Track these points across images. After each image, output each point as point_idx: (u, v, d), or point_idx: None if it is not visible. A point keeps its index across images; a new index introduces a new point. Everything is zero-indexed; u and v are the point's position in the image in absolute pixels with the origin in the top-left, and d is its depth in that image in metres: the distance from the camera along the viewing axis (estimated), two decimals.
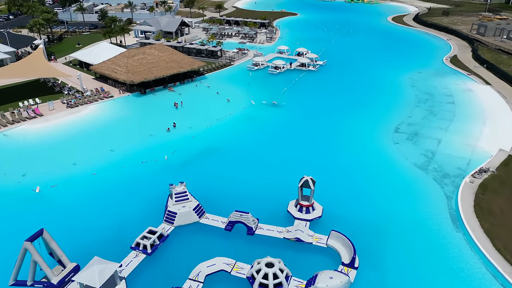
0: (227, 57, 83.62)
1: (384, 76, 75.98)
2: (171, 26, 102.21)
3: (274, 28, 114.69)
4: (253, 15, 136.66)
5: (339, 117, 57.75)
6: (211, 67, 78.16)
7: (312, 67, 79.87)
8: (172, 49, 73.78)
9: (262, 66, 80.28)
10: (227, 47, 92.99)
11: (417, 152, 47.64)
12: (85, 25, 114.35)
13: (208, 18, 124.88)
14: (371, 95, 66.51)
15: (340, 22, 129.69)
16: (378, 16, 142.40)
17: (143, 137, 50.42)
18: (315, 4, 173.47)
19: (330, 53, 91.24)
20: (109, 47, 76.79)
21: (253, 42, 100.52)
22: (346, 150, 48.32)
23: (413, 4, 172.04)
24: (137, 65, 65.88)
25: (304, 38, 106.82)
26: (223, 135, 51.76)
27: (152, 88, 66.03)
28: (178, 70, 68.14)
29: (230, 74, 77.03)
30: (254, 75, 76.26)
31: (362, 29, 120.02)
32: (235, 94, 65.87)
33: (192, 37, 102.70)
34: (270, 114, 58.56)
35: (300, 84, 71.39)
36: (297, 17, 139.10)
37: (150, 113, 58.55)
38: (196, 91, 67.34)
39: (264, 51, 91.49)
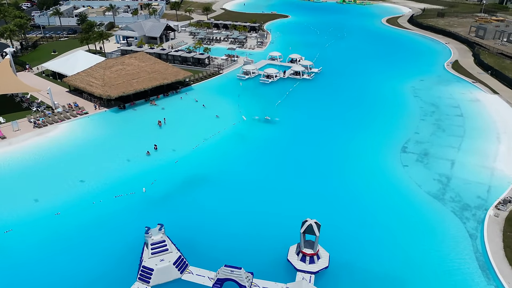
0: (215, 65, 77.63)
1: (384, 85, 70.77)
2: (155, 31, 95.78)
3: (265, 32, 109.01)
4: (243, 18, 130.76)
5: (340, 134, 52.25)
6: (198, 77, 72.08)
7: (306, 76, 74.31)
8: (155, 58, 67.45)
9: (253, 74, 74.51)
10: (216, 53, 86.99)
11: (429, 177, 42.33)
12: (64, 30, 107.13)
13: (195, 21, 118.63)
14: (372, 107, 61.18)
15: (333, 25, 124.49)
16: (372, 18, 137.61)
17: (119, 163, 44.18)
18: (306, 5, 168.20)
19: (325, 59, 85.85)
20: (85, 56, 70.14)
21: (243, 47, 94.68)
22: (350, 177, 42.74)
23: (406, 5, 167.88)
24: (115, 77, 59.50)
25: (296, 42, 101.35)
26: (211, 159, 45.82)
27: (132, 102, 59.74)
28: (161, 81, 61.93)
29: (218, 84, 71.05)
30: (245, 85, 70.40)
31: (356, 32, 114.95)
32: (224, 108, 59.96)
33: (178, 43, 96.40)
34: (263, 131, 52.78)
35: (294, 95, 65.73)
36: (288, 20, 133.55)
37: (129, 132, 52.24)
38: (181, 105, 61.18)
39: (255, 58, 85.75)
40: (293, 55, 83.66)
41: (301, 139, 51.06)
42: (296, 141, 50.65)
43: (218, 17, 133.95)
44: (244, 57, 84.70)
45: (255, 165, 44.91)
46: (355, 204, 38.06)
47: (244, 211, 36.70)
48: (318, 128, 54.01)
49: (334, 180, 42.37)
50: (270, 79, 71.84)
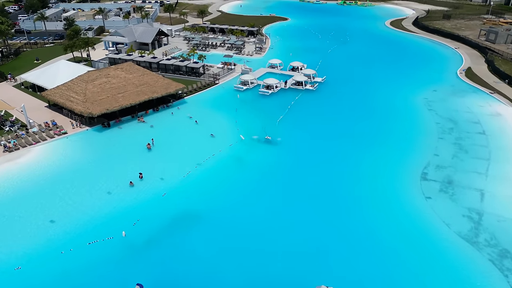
0: (211, 74, 71.72)
1: (394, 96, 65.02)
2: (147, 37, 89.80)
3: (264, 37, 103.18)
4: (240, 21, 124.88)
5: (349, 156, 46.45)
6: (192, 88, 66.12)
7: (309, 86, 68.48)
8: (143, 69, 61.39)
9: (252, 85, 68.64)
10: (211, 60, 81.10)
11: (457, 212, 36.57)
12: (50, 35, 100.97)
13: (190, 25, 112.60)
14: (383, 123, 55.43)
15: (335, 28, 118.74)
16: (375, 21, 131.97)
17: (98, 196, 38.23)
18: (305, 7, 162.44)
19: (328, 67, 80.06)
20: (67, 65, 64.08)
21: (241, 53, 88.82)
22: (364, 209, 36.98)
23: (409, 6, 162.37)
24: (98, 91, 53.53)
25: (297, 47, 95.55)
26: (204, 190, 39.89)
27: (118, 119, 53.78)
28: (150, 95, 55.97)
29: (214, 96, 65.13)
30: (243, 97, 64.49)
31: (359, 36, 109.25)
32: (220, 125, 54.09)
33: (171, 49, 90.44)
34: (263, 154, 46.88)
35: (297, 109, 59.84)
36: (288, 23, 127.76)
37: (112, 156, 46.15)
38: (173, 122, 55.21)
39: (254, 65, 79.89)
40: (294, 62, 77.81)
41: (306, 162, 45.21)
42: (300, 165, 44.81)
43: (214, 20, 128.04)
44: (242, 65, 78.83)
45: (255, 197, 39.08)
46: (371, 243, 32.37)
47: (244, 256, 30.91)
48: (324, 148, 48.22)
49: (345, 211, 36.66)
50: (270, 90, 66.01)
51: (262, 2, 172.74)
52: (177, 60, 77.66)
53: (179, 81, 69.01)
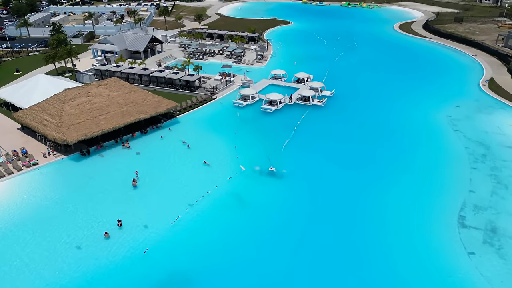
0: (208, 88, 64.65)
1: (412, 113, 57.89)
2: (139, 44, 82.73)
3: (265, 43, 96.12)
4: (240, 25, 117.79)
5: (369, 192, 39.37)
6: (186, 105, 59.00)
7: (317, 101, 61.37)
8: (130, 85, 54.24)
9: (253, 100, 61.59)
10: (209, 70, 74.04)
11: (508, 273, 29.53)
12: (36, 42, 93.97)
13: (187, 30, 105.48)
14: (403, 148, 48.35)
15: (341, 32, 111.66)
16: (382, 24, 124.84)
17: (65, 255, 30.96)
18: (308, 9, 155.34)
19: (336, 77, 73.01)
20: (46, 80, 56.82)
21: (240, 62, 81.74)
22: (393, 268, 29.94)
23: (416, 8, 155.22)
24: (76, 113, 46.50)
25: (301, 55, 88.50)
26: (196, 241, 32.80)
27: (99, 144, 46.74)
28: (137, 117, 48.89)
29: (211, 114, 58.03)
30: (243, 115, 57.42)
31: (367, 41, 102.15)
32: (217, 150, 47.04)
33: (165, 58, 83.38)
34: (267, 191, 39.72)
35: (304, 130, 52.72)
36: (290, 27, 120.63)
37: (87, 195, 38.66)
38: (162, 147, 48.08)
39: (255, 75, 72.86)
40: (300, 73, 70.67)
41: (317, 201, 38.08)
42: (310, 205, 37.65)
43: (213, 24, 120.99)
44: (242, 76, 71.79)
45: (259, 249, 32.02)
46: None
47: None
48: (338, 181, 41.16)
49: (367, 265, 29.64)
50: (273, 107, 58.93)
51: (263, 4, 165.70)
52: (171, 71, 70.67)
53: (173, 96, 62.18)
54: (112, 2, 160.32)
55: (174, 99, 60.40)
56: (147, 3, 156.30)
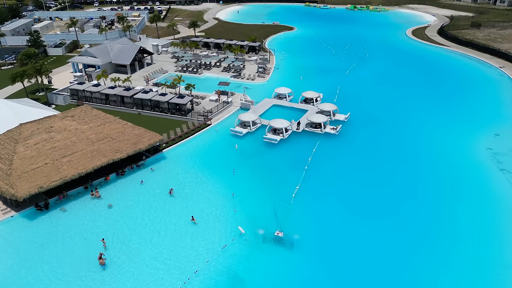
0: (201, 112, 55.27)
1: (444, 145, 48.45)
2: (125, 57, 73.28)
3: (267, 52, 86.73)
4: (240, 31, 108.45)
5: (404, 260, 30.05)
6: (175, 136, 49.46)
7: (330, 129, 51.95)
8: (104, 116, 44.68)
9: (254, 127, 52.25)
10: (203, 87, 64.66)
11: None
12: (12, 53, 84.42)
13: (181, 38, 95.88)
14: (439, 192, 38.93)
15: (349, 39, 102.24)
16: (393, 29, 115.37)
17: None
18: (312, 12, 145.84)
19: (349, 96, 63.66)
20: (6, 107, 47.32)
21: (240, 77, 72.32)
22: None
23: (427, 11, 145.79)
24: (33, 156, 37.08)
25: (307, 67, 79.16)
26: None
27: (62, 194, 37.36)
28: (110, 157, 39.44)
29: (204, 147, 48.58)
30: (243, 147, 48.03)
31: (380, 50, 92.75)
32: (209, 201, 37.65)
33: (154, 73, 73.90)
34: (274, 263, 30.36)
35: (318, 169, 43.15)
36: (294, 33, 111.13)
37: (33, 278, 29.45)
38: (140, 197, 38.42)
39: (256, 94, 63.51)
40: (308, 93, 61.14)
41: (340, 277, 28.81)
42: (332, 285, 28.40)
43: (210, 30, 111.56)
44: (241, 95, 62.49)
45: None
46: None
47: None
48: (365, 245, 31.81)
49: None
50: (278, 136, 49.55)
51: (263, 7, 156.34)
52: (159, 89, 61.39)
53: (159, 122, 53.09)
54: (104, 6, 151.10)
55: (161, 125, 51.40)
56: (140, 7, 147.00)
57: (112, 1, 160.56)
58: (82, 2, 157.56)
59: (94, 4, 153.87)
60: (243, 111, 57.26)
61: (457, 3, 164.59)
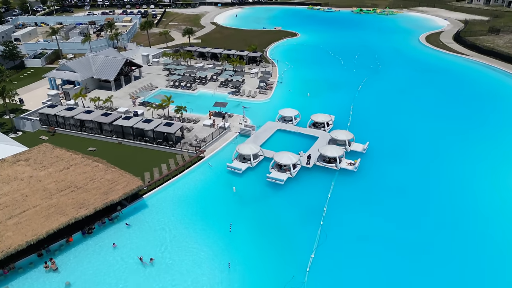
0: (193, 142, 46.66)
1: (489, 185, 39.89)
2: (109, 71, 64.65)
3: (270, 63, 78.16)
4: (239, 38, 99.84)
5: None
6: (160, 178, 40.83)
7: (347, 164, 43.27)
8: (69, 156, 35.87)
9: (256, 161, 43.68)
10: (197, 106, 56.13)
11: None
12: None
13: (173, 48, 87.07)
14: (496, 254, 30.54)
15: (358, 47, 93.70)
16: (405, 35, 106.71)
17: None
18: (315, 16, 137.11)
19: (365, 118, 55.14)
20: None
21: (239, 93, 63.72)
22: None
23: (438, 15, 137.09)
24: None
25: (315, 80, 70.63)
26: None
27: (7, 267, 28.76)
28: (72, 216, 30.71)
29: (194, 189, 39.82)
30: (242, 190, 39.33)
31: (393, 60, 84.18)
32: (198, 273, 29.12)
33: (141, 91, 65.16)
34: None
35: (335, 223, 34.48)
36: (297, 40, 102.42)
37: None
38: (109, 269, 29.70)
39: (258, 115, 55.07)
40: (318, 116, 52.35)
41: None
42: None
43: (207, 37, 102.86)
44: (240, 117, 53.98)
45: None
46: None
47: None
48: None
49: None
50: (285, 174, 40.96)
51: (264, 11, 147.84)
52: (145, 110, 52.94)
53: (143, 153, 44.72)
54: (95, 9, 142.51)
55: (145, 159, 42.96)
56: (133, 10, 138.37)
57: (105, 4, 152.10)
58: (72, 5, 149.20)
59: (85, 7, 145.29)
60: (242, 138, 48.77)
61: (469, 6, 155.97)
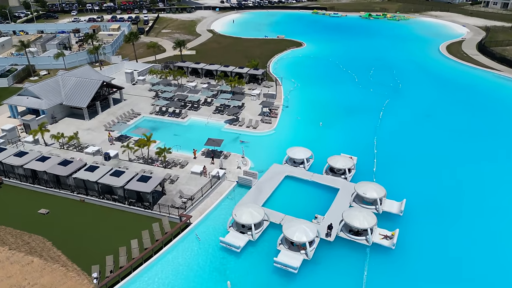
0: (175, 204, 35.86)
1: None
2: (81, 96, 53.80)
3: (274, 81, 67.37)
4: (238, 48, 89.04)
5: None
6: (126, 258, 30.06)
7: (382, 236, 32.47)
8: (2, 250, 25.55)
9: (258, 232, 32.88)
10: (186, 141, 45.43)
11: None
12: None
13: (163, 63, 76.04)
14: None
15: (372, 60, 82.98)
16: (422, 44, 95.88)
17: None
18: (321, 22, 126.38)
19: (393, 157, 44.40)
20: None
21: (237, 123, 52.91)
22: None
23: (454, 20, 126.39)
24: None
25: (326, 104, 60.08)
26: None
27: None
28: None
29: (173, 278, 29.19)
30: (241, 281, 28.70)
31: (414, 76, 73.40)
32: None
33: (121, 120, 54.24)
34: None
35: None
36: (303, 50, 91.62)
37: None
38: None
39: (260, 152, 44.48)
40: (336, 159, 41.16)
41: None
42: None
43: (202, 47, 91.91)
44: (238, 157, 43.21)
45: None
46: None
47: None
48: None
49: None
50: (298, 257, 30.12)
51: (265, 16, 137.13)
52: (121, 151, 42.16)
53: (111, 216, 33.95)
54: (83, 15, 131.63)
55: (112, 226, 32.04)
56: (123, 16, 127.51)
57: (94, 9, 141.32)
58: (59, 10, 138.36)
59: (71, 13, 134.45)
60: (241, 190, 38.05)
61: (485, 10, 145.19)
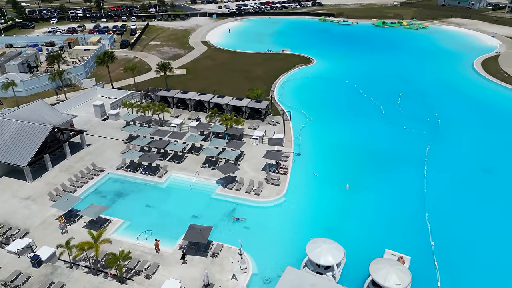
0: None
1: None
2: (21, 148, 39.71)
3: (281, 116, 53.35)
4: (235, 67, 74.86)
5: None
6: None
7: None
8: None
9: None
10: (163, 215, 31.54)
11: None
12: None
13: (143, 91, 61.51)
14: None
15: (397, 82, 69.09)
16: (452, 61, 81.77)
17: None
18: (331, 31, 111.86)
19: (458, 250, 30.57)
20: None
21: (233, 185, 38.93)
22: None
23: (479, 29, 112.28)
24: None
25: (349, 150, 46.22)
26: None
27: None
28: None
29: None
30: None
31: (454, 106, 59.43)
32: None
33: (73, 185, 40.23)
34: None
35: None
36: (313, 69, 77.42)
37: None
38: None
39: (264, 239, 30.46)
40: (384, 269, 27.15)
41: None
42: None
43: (194, 65, 77.70)
44: (233, 262, 29.24)
45: None
46: None
47: None
48: None
49: None
50: None
51: (267, 24, 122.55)
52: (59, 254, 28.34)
53: None
54: (63, 24, 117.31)
55: None
56: (108, 25, 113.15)
57: (77, 17, 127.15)
58: (38, 19, 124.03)
59: (51, 21, 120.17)
60: None
61: (511, 17, 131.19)
